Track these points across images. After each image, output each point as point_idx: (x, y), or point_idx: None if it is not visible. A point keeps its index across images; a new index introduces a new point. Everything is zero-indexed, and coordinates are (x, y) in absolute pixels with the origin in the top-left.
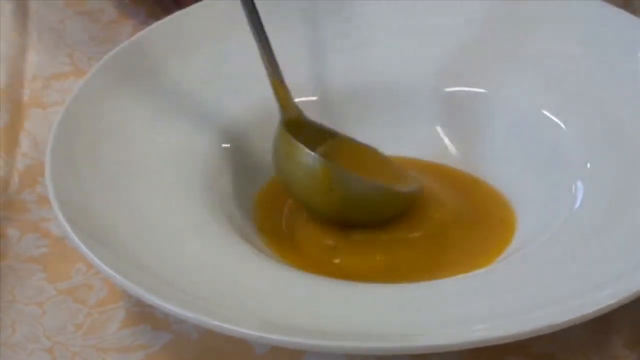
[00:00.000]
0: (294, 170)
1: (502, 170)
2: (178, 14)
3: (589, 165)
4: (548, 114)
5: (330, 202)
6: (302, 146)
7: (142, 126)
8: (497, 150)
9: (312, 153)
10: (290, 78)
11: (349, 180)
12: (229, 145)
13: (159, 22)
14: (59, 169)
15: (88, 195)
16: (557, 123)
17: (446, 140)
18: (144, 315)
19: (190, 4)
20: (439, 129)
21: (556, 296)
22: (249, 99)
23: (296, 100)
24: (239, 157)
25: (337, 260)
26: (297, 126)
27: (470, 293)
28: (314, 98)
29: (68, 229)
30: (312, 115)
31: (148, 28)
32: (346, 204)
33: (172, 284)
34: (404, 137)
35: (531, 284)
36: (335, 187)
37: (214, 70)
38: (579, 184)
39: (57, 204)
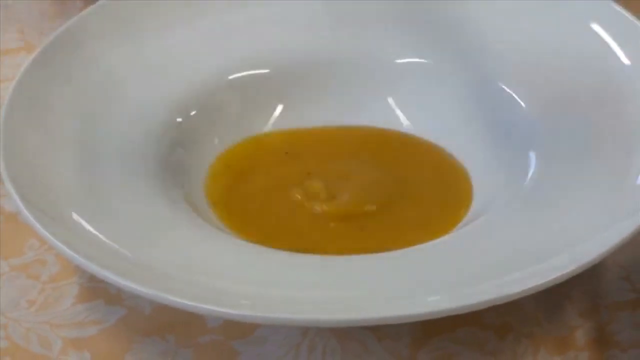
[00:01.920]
0: None
1: (455, 141)
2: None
3: (541, 135)
4: (501, 85)
5: None
6: None
7: (93, 101)
8: (449, 121)
9: None
10: (242, 50)
11: None
12: (181, 119)
13: None
14: (10, 144)
15: (40, 171)
16: (509, 94)
17: (398, 112)
18: (97, 290)
19: None
20: (390, 100)
21: (510, 266)
22: (200, 73)
23: (248, 73)
24: (191, 130)
25: (292, 233)
26: None
27: (424, 264)
28: (266, 71)
29: (20, 205)
30: (262, 88)
31: (98, 3)
32: None
33: (124, 259)
34: (357, 109)
35: (485, 254)
36: None
37: (166, 45)
38: (531, 154)
39: (10, 180)
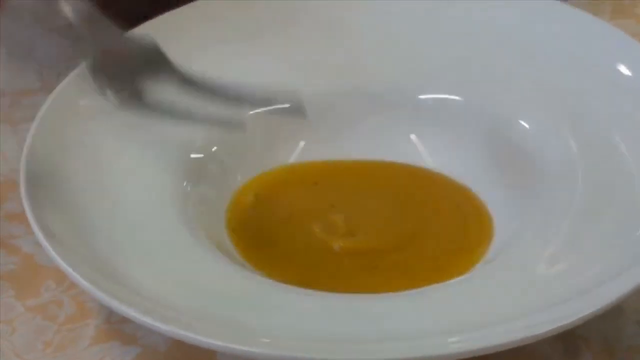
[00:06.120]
0: None
1: (477, 179)
2: (143, 26)
3: (563, 175)
4: (524, 123)
5: None
6: None
7: (112, 139)
8: (472, 158)
9: None
10: (262, 85)
11: None
12: (202, 155)
13: None
14: (32, 184)
15: (63, 209)
16: (533, 132)
17: (420, 148)
18: (112, 332)
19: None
20: (413, 137)
21: (527, 308)
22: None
23: (269, 108)
24: (213, 166)
25: (313, 270)
26: None
27: (442, 304)
28: (286, 105)
29: (46, 243)
30: (284, 123)
31: None
32: None
33: (142, 295)
34: (379, 144)
35: (502, 296)
36: None
37: None
38: (553, 194)
39: (34, 219)
